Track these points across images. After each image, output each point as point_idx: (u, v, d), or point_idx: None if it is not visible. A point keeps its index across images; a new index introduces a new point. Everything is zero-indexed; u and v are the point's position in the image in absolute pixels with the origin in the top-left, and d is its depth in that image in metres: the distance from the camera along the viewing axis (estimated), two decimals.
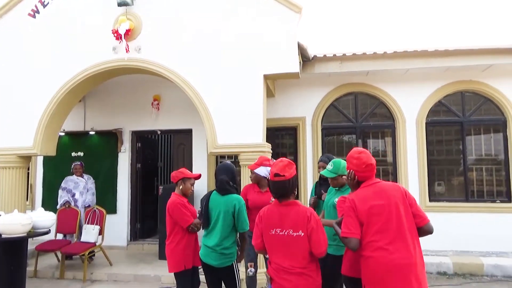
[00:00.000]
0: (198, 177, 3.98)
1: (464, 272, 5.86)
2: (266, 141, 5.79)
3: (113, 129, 7.63)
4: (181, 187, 3.84)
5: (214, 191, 3.48)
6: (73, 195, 6.57)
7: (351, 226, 2.51)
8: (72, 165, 6.79)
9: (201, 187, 7.29)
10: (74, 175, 6.73)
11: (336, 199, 3.52)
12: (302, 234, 2.52)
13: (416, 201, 2.63)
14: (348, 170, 2.75)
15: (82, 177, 6.76)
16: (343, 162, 3.54)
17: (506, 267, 5.78)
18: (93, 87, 6.61)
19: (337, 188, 3.60)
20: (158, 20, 5.81)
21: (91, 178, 6.88)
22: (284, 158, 2.74)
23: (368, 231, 2.48)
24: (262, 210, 2.76)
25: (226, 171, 3.44)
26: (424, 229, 2.51)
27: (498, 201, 6.55)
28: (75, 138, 7.80)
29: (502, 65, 6.18)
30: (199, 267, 3.67)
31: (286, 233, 2.56)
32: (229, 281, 3.38)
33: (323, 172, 3.63)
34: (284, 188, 2.62)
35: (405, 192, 2.57)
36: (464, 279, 5.69)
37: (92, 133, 7.75)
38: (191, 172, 4.26)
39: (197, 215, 3.89)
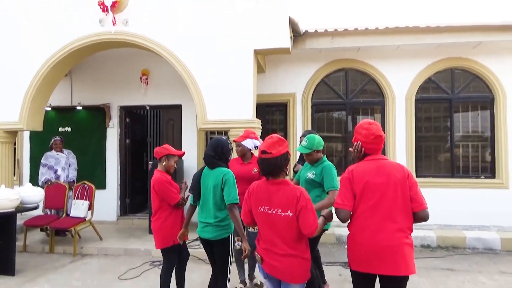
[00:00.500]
0: (182, 154, 3.97)
1: (447, 245, 6.05)
2: (256, 117, 5.79)
3: (101, 104, 7.52)
4: (164, 163, 3.82)
5: (206, 167, 3.51)
6: (56, 171, 6.49)
7: (344, 198, 2.49)
8: (52, 140, 6.61)
9: (190, 164, 7.30)
10: (53, 151, 6.57)
11: (310, 174, 3.58)
12: (291, 214, 2.45)
13: (418, 185, 2.53)
14: (356, 142, 2.65)
15: (62, 152, 6.63)
16: (317, 138, 3.64)
17: (487, 240, 5.98)
18: (79, 61, 6.46)
19: (311, 164, 3.65)
20: None
21: (72, 153, 6.78)
22: (274, 135, 2.64)
23: (360, 206, 2.46)
24: (251, 186, 2.70)
25: (216, 146, 3.43)
26: (419, 215, 2.45)
27: (482, 177, 6.71)
28: (62, 113, 7.68)
29: (492, 42, 6.20)
30: (188, 240, 3.71)
31: (274, 212, 2.50)
32: (221, 253, 3.38)
33: (298, 148, 3.68)
34: (270, 166, 2.53)
35: (408, 174, 2.49)
36: (447, 251, 5.88)
37: (79, 108, 7.63)
38: (180, 149, 4.27)
39: (182, 189, 3.93)
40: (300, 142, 4.16)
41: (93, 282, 4.72)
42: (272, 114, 7.45)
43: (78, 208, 6.11)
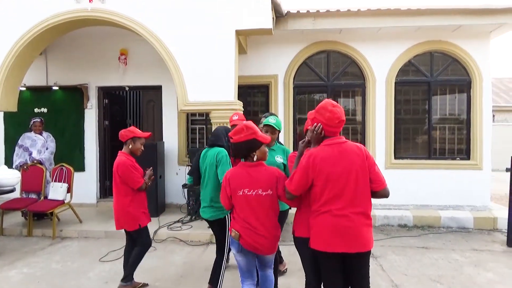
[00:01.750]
0: (148, 136, 3.92)
1: (423, 224, 6.26)
2: (238, 99, 5.75)
3: (78, 85, 7.32)
4: (130, 146, 3.78)
5: (206, 148, 3.62)
6: (30, 154, 6.29)
7: (298, 185, 2.53)
8: (32, 121, 6.40)
9: (171, 146, 7.25)
10: (32, 132, 6.37)
11: (278, 158, 3.65)
12: (271, 192, 2.67)
13: (375, 161, 2.59)
14: (315, 123, 2.59)
15: (41, 134, 6.43)
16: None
17: (461, 219, 6.21)
18: (54, 39, 6.22)
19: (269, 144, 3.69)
20: None
21: (51, 136, 6.54)
22: (244, 123, 2.78)
23: (323, 194, 2.47)
24: (228, 172, 2.83)
25: (216, 131, 3.64)
26: (380, 193, 2.52)
27: (458, 158, 6.90)
28: (38, 94, 7.44)
29: (471, 26, 6.28)
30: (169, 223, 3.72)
31: (254, 193, 2.67)
32: (218, 232, 3.56)
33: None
34: (233, 150, 2.78)
35: (367, 155, 2.52)
36: (422, 230, 6.08)
37: (55, 88, 7.40)
38: (161, 131, 4.21)
39: (147, 175, 3.90)
40: (262, 122, 4.10)
41: (73, 264, 4.69)
42: (254, 96, 7.42)
43: (56, 190, 6.01)
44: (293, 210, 2.97)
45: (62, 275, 4.35)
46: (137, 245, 3.83)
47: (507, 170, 5.46)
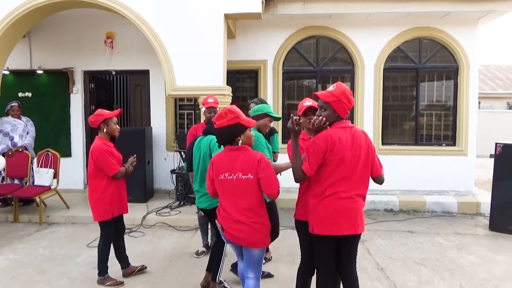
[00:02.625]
0: (119, 113, 3.71)
1: (408, 209, 6.38)
2: (227, 84, 5.71)
3: (63, 69, 7.16)
4: (105, 130, 3.59)
5: (201, 135, 3.55)
6: (12, 139, 6.15)
7: (313, 166, 2.47)
8: (9, 106, 6.21)
9: (159, 131, 7.19)
10: (10, 117, 6.20)
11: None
12: (252, 177, 2.55)
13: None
14: (317, 117, 2.54)
15: (20, 119, 6.27)
16: None
17: (445, 204, 6.34)
18: (38, 21, 6.04)
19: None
20: None
21: (30, 121, 6.39)
22: (226, 107, 2.71)
23: (331, 176, 2.48)
24: (214, 156, 2.78)
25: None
26: (378, 179, 2.64)
27: (444, 144, 7.00)
28: (22, 78, 7.26)
29: (459, 13, 6.29)
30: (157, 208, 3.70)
31: (235, 176, 2.59)
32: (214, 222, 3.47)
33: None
34: (217, 135, 2.69)
35: (369, 140, 2.60)
36: (408, 215, 6.20)
37: (40, 72, 7.23)
38: (148, 116, 4.14)
39: (129, 162, 3.80)
40: (250, 108, 4.12)
41: (61, 250, 4.66)
42: (243, 81, 7.37)
43: (42, 176, 5.93)
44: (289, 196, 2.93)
45: (50, 261, 4.33)
46: (102, 236, 3.68)
47: (491, 156, 5.58)
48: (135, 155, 3.89)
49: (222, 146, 2.72)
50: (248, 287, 2.74)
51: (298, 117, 2.60)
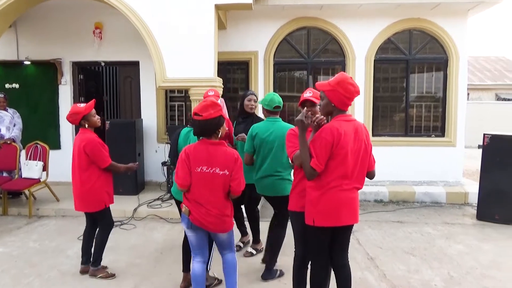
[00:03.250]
0: (93, 104, 3.65)
1: (398, 199, 6.46)
2: (218, 76, 5.67)
3: (51, 59, 7.04)
4: (86, 125, 3.56)
5: (186, 127, 3.47)
6: None
7: (323, 161, 2.43)
8: None
9: (150, 123, 7.15)
10: None
11: None
12: (227, 173, 2.67)
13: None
14: (330, 97, 2.48)
15: (6, 110, 6.14)
16: None
17: (434, 194, 6.43)
18: (24, 11, 5.93)
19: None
20: None
21: (17, 113, 6.26)
22: (208, 98, 2.77)
23: (338, 169, 2.45)
24: (188, 148, 2.74)
25: None
26: (370, 174, 2.70)
27: (433, 135, 7.08)
28: (8, 68, 7.13)
29: (449, 4, 6.32)
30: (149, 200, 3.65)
31: (211, 171, 2.66)
32: None
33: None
34: (200, 128, 2.68)
35: (368, 134, 2.61)
36: (397, 205, 6.28)
37: (27, 63, 7.11)
38: (139, 108, 4.08)
39: (129, 165, 3.79)
40: (250, 100, 4.13)
41: (51, 243, 4.64)
42: (234, 72, 7.33)
43: (31, 169, 5.86)
44: None
45: (40, 254, 4.31)
46: (101, 227, 3.70)
47: (479, 147, 5.67)
48: (137, 163, 3.94)
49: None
50: (227, 260, 2.92)
51: (309, 111, 2.61)
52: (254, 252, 4.25)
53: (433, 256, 4.25)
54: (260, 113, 4.09)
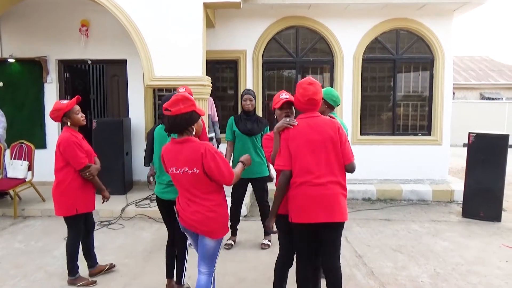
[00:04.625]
0: (77, 101, 3.48)
1: (385, 197, 6.53)
2: (206, 74, 5.65)
3: (36, 57, 6.92)
4: (69, 122, 3.40)
5: (160, 125, 3.31)
6: None
7: (284, 159, 2.58)
8: None
9: (138, 121, 7.09)
10: None
11: None
12: (197, 171, 2.45)
13: (347, 137, 2.69)
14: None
15: None
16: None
17: (421, 192, 6.52)
18: (8, 8, 5.82)
19: None
20: None
21: (1, 111, 6.13)
22: (180, 93, 2.55)
23: (296, 164, 2.55)
24: (163, 148, 2.66)
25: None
26: (346, 168, 2.60)
27: (420, 134, 7.17)
28: None
29: (435, 4, 6.40)
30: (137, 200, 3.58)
31: (181, 171, 2.48)
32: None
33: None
34: (168, 123, 2.47)
35: (338, 128, 2.58)
36: (385, 203, 6.35)
37: (11, 60, 6.98)
38: (126, 106, 4.02)
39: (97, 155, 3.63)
40: (246, 100, 4.22)
41: (37, 243, 4.57)
42: (222, 71, 7.31)
43: (16, 168, 5.76)
44: None
45: (26, 255, 4.24)
46: (69, 235, 3.49)
47: (464, 145, 5.77)
48: (110, 190, 3.71)
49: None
50: (199, 283, 2.61)
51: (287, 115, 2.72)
52: (270, 243, 4.42)
53: (420, 253, 4.31)
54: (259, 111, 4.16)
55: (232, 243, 4.48)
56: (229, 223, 4.35)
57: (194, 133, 2.56)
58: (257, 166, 4.30)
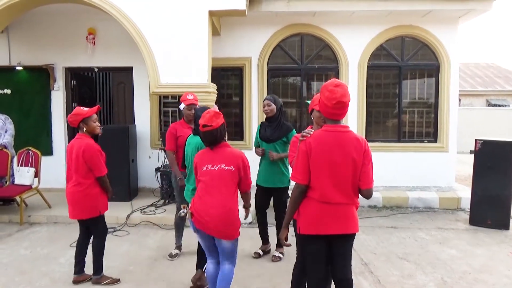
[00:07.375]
0: (97, 110, 3.64)
1: (391, 205, 6.47)
2: (212, 82, 5.68)
3: (44, 65, 7.00)
4: (85, 129, 3.52)
5: (191, 134, 3.53)
6: None
7: (303, 172, 2.43)
8: None
9: (143, 129, 7.12)
10: None
11: None
12: (233, 169, 2.84)
13: (372, 162, 2.52)
14: (315, 106, 2.76)
15: None
16: None
17: (427, 199, 6.46)
18: (16, 17, 5.90)
19: None
20: None
21: (9, 118, 6.16)
22: (211, 110, 2.94)
23: (316, 184, 2.41)
24: (196, 156, 3.00)
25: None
26: (363, 193, 2.49)
27: (426, 141, 7.13)
28: (0, 74, 7.06)
29: (440, 11, 6.40)
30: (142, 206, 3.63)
31: (217, 167, 2.84)
32: None
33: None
34: (212, 136, 2.85)
35: (365, 150, 2.44)
36: (391, 211, 6.30)
37: (19, 68, 7.06)
38: (132, 114, 4.05)
39: None
40: (264, 106, 4.16)
41: (43, 250, 4.58)
42: (228, 78, 7.34)
43: (23, 175, 5.80)
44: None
45: (32, 261, 4.25)
46: (96, 234, 3.65)
47: (471, 152, 5.70)
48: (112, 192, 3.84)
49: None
50: (223, 271, 2.94)
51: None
52: (281, 255, 4.29)
53: (427, 261, 4.26)
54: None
55: (261, 252, 4.38)
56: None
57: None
58: (278, 176, 4.17)
